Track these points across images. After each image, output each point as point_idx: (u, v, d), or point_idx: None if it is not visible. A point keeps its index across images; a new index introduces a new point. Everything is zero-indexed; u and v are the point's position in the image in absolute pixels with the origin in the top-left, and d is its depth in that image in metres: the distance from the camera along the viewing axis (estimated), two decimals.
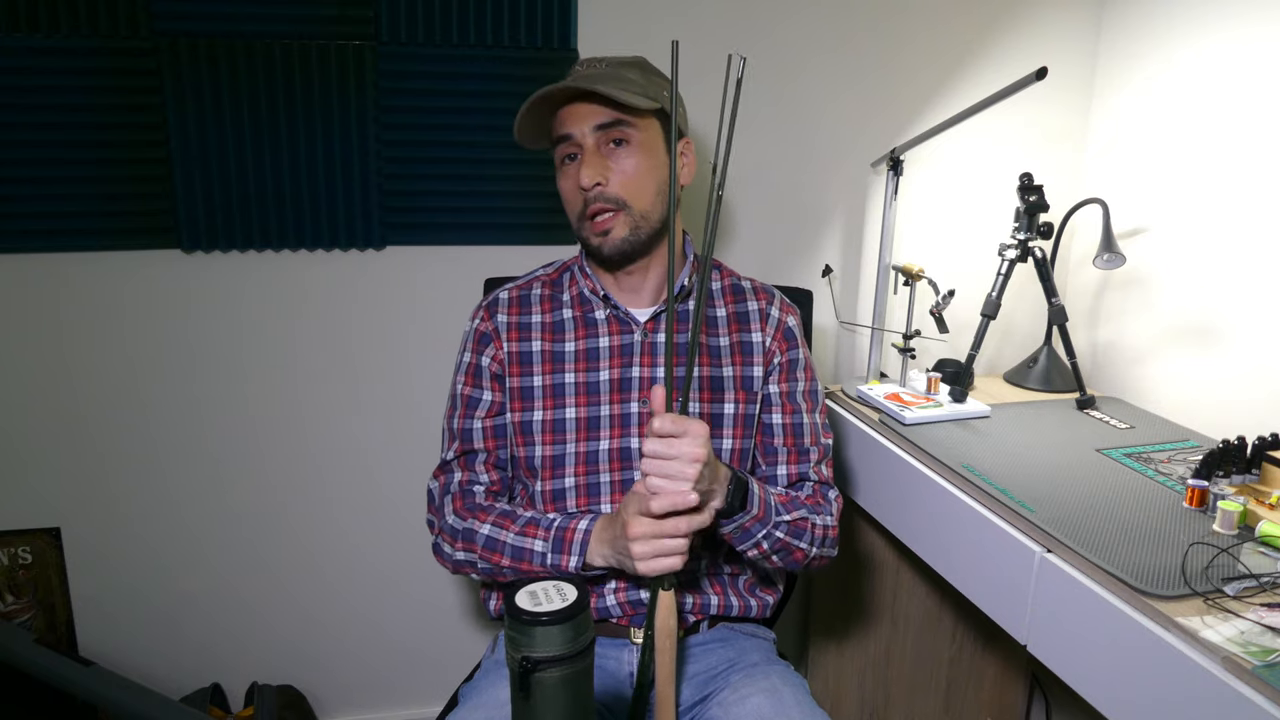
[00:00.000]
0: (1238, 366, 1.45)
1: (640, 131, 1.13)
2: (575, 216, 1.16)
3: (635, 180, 1.12)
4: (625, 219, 1.13)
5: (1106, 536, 1.05)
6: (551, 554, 1.09)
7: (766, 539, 1.10)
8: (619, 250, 1.14)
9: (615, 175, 1.12)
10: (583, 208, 1.13)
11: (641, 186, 1.13)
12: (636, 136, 1.13)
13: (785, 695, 1.09)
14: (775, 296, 1.26)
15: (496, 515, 1.14)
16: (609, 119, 1.11)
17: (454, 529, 1.16)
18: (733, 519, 1.07)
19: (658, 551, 0.98)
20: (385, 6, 1.45)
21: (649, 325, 1.20)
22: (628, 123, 1.12)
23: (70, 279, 1.48)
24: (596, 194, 1.11)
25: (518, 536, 1.11)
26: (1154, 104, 1.60)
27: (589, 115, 1.11)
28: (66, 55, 1.37)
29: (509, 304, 1.22)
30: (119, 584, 1.60)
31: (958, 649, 1.71)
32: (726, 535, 1.10)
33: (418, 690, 1.78)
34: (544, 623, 0.71)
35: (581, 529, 1.09)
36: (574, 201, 1.14)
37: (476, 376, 1.20)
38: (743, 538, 1.10)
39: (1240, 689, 0.81)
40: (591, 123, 1.11)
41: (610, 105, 1.10)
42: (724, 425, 1.19)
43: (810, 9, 1.60)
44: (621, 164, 1.12)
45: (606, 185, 1.11)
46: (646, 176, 1.13)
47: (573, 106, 1.12)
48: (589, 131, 1.12)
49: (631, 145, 1.13)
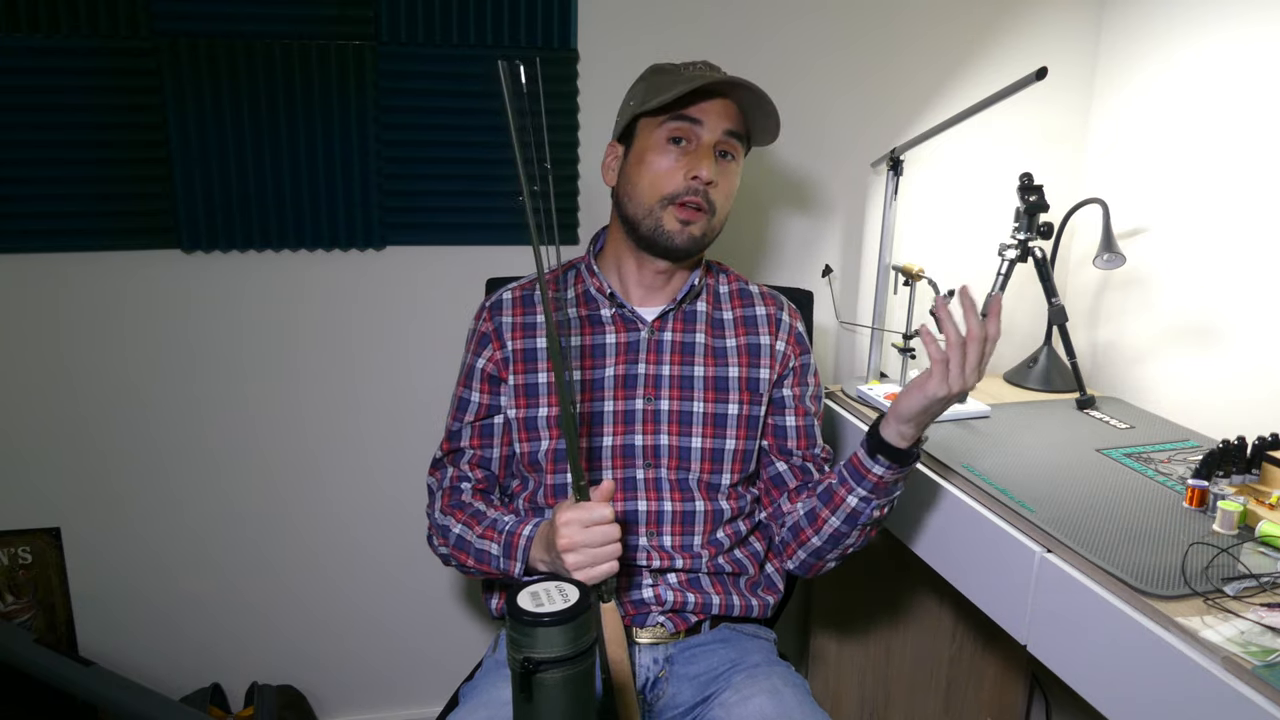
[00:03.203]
0: (1238, 366, 1.45)
1: (742, 155, 1.20)
2: (657, 196, 1.14)
3: (727, 195, 1.18)
4: (705, 222, 1.16)
5: (1106, 536, 1.05)
6: (503, 558, 1.10)
7: (893, 504, 1.15)
8: (687, 246, 1.16)
9: (719, 182, 1.15)
10: (678, 193, 1.13)
11: (727, 203, 1.19)
12: (739, 157, 1.20)
13: (787, 696, 1.09)
14: (783, 302, 1.28)
15: (469, 515, 1.16)
16: (738, 128, 1.16)
17: (439, 525, 1.19)
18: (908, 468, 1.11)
19: (592, 560, 0.97)
20: (385, 6, 1.45)
21: (656, 324, 1.20)
22: (743, 140, 1.18)
23: (70, 279, 1.48)
24: (703, 189, 1.13)
25: (479, 539, 1.13)
26: (1154, 104, 1.60)
27: (726, 115, 1.15)
28: (66, 55, 1.37)
29: (512, 304, 1.22)
30: (119, 584, 1.60)
31: (958, 649, 1.71)
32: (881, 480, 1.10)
33: (418, 690, 1.78)
34: (546, 624, 0.71)
35: (525, 535, 1.09)
36: (667, 183, 1.13)
37: (469, 378, 1.22)
38: (889, 490, 1.12)
39: (1240, 689, 0.81)
40: (725, 124, 1.15)
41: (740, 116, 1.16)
42: (728, 425, 1.19)
43: (811, 9, 1.60)
44: (725, 176, 1.17)
45: (715, 186, 1.14)
46: (732, 196, 1.20)
47: (716, 101, 1.14)
48: (718, 130, 1.14)
49: (735, 162, 1.18)
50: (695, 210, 1.13)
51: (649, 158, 1.14)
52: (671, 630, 1.16)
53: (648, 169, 1.14)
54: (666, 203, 1.13)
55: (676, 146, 1.14)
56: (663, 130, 1.14)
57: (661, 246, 1.15)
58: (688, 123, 1.13)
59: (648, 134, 1.15)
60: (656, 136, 1.14)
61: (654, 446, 1.17)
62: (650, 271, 1.20)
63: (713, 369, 1.20)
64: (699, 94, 1.13)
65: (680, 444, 1.17)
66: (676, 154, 1.14)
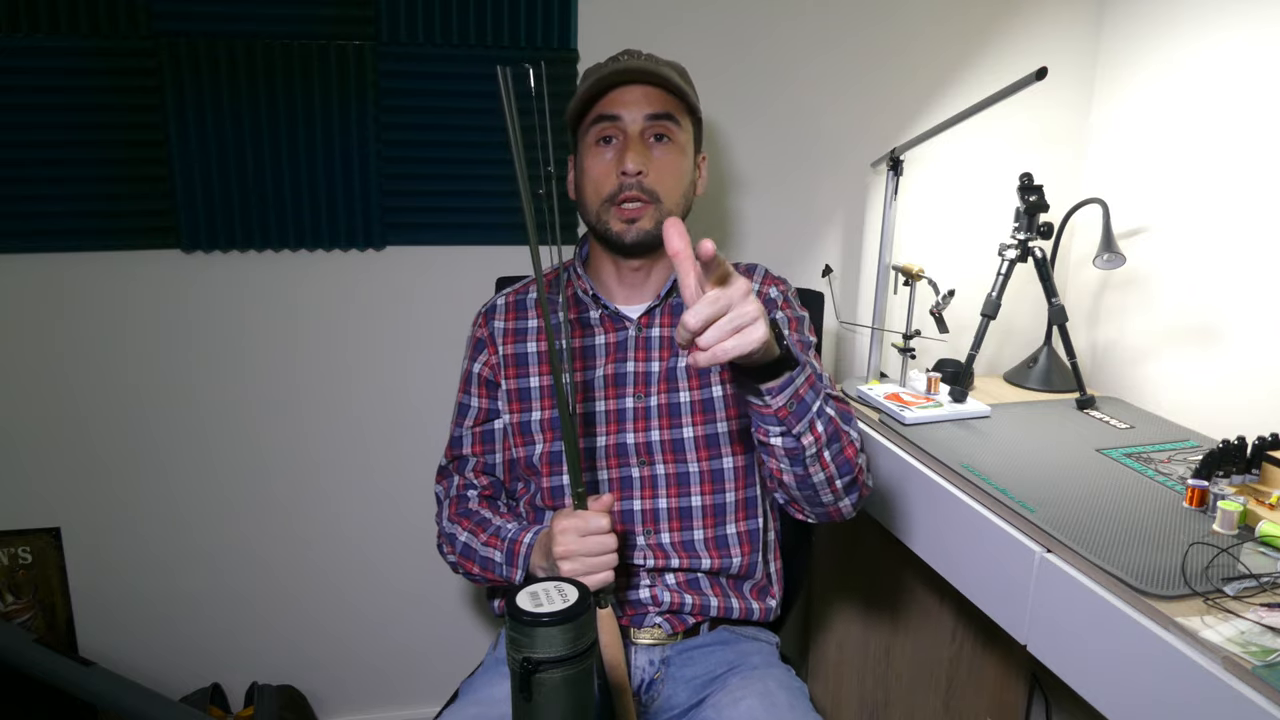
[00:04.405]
0: (1238, 366, 1.45)
1: (682, 131, 1.15)
2: (600, 200, 1.14)
3: (671, 177, 1.14)
4: (654, 213, 1.13)
5: (1106, 536, 1.05)
6: (506, 565, 1.11)
7: (820, 415, 0.97)
8: (640, 241, 1.14)
9: (654, 168, 1.12)
10: (614, 192, 1.12)
11: (674, 185, 1.14)
12: (678, 135, 1.15)
13: (780, 698, 1.08)
14: (756, 271, 1.26)
15: (474, 523, 1.17)
16: (661, 110, 1.12)
17: (447, 533, 1.19)
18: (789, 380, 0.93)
19: (587, 569, 0.98)
20: (385, 6, 1.45)
21: (643, 320, 1.20)
22: (674, 119, 1.14)
23: (70, 279, 1.48)
24: (635, 182, 1.11)
25: (484, 546, 1.13)
26: (1154, 104, 1.60)
27: (642, 102, 1.12)
28: (66, 55, 1.37)
29: (505, 310, 1.23)
30: (119, 584, 1.60)
31: (958, 649, 1.71)
32: (781, 410, 0.94)
33: (418, 690, 1.78)
34: (545, 624, 0.71)
35: (526, 543, 1.09)
36: (604, 183, 1.13)
37: (469, 384, 1.23)
38: (800, 410, 0.95)
39: (1240, 689, 0.81)
40: (644, 110, 1.12)
41: (665, 96, 1.12)
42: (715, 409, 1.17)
43: (810, 9, 1.60)
44: (661, 159, 1.13)
45: (646, 175, 1.12)
46: (680, 177, 1.15)
47: (626, 90, 1.12)
48: (639, 118, 1.12)
49: (673, 143, 1.14)
50: (637, 205, 1.12)
51: (586, 163, 1.15)
52: (669, 631, 1.16)
53: (588, 175, 1.15)
54: (608, 204, 1.13)
55: (608, 146, 1.13)
56: (591, 134, 1.14)
57: (616, 247, 1.15)
58: (608, 120, 1.13)
59: (582, 140, 1.16)
60: (588, 141, 1.15)
61: (646, 443, 1.17)
62: (627, 270, 1.20)
63: None
64: (614, 87, 1.12)
65: (673, 437, 1.17)
66: (609, 153, 1.13)
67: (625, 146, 1.12)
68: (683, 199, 1.17)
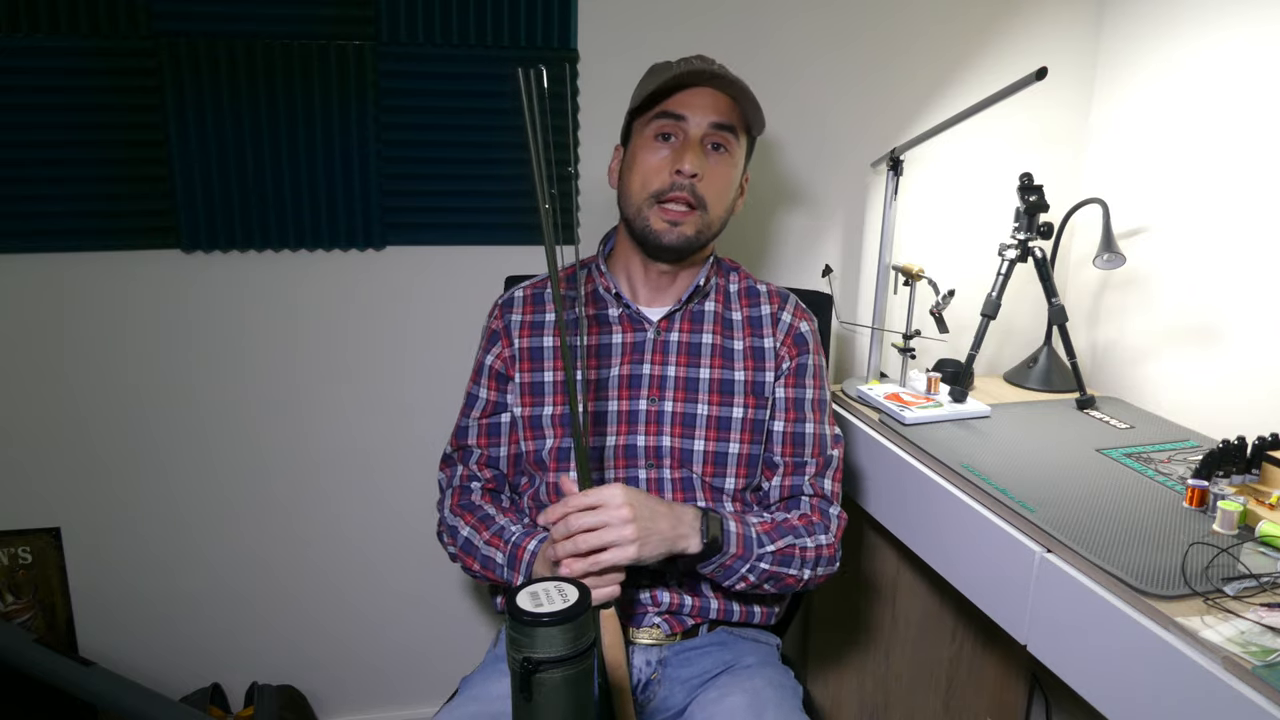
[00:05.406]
0: (1238, 366, 1.45)
1: (738, 147, 1.17)
2: (645, 194, 1.14)
3: (721, 189, 1.15)
4: (697, 220, 1.14)
5: (1106, 536, 1.05)
6: (507, 568, 1.11)
7: (751, 572, 1.09)
8: (678, 245, 1.14)
9: (708, 175, 1.13)
10: (662, 189, 1.12)
11: (722, 197, 1.16)
12: (735, 150, 1.16)
13: (766, 695, 1.08)
14: (789, 301, 1.26)
15: (477, 519, 1.17)
16: (726, 120, 1.13)
17: (449, 524, 1.19)
18: (710, 560, 1.06)
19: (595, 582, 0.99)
20: (385, 6, 1.45)
21: (663, 324, 1.20)
22: (735, 132, 1.15)
23: (70, 279, 1.47)
24: (689, 184, 1.12)
25: (485, 545, 1.13)
26: (1154, 104, 1.60)
27: (710, 108, 1.13)
28: (66, 55, 1.37)
29: (523, 302, 1.23)
30: (119, 584, 1.60)
31: (958, 649, 1.71)
32: (709, 574, 1.09)
33: (418, 690, 1.78)
34: (545, 623, 0.71)
35: (530, 550, 1.10)
36: (654, 178, 1.13)
37: (479, 374, 1.23)
38: (725, 575, 1.08)
39: (1240, 689, 0.81)
40: (710, 117, 1.12)
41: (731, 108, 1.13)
42: (731, 429, 1.18)
43: (811, 9, 1.60)
44: (715, 168, 1.14)
45: (700, 180, 1.12)
46: (728, 190, 1.17)
47: (696, 92, 1.12)
48: (704, 123, 1.12)
49: (729, 155, 1.15)
50: (684, 209, 1.12)
51: (639, 156, 1.15)
52: (667, 632, 1.16)
53: (638, 167, 1.15)
54: (654, 200, 1.13)
55: (665, 143, 1.14)
56: (651, 128, 1.14)
57: (652, 246, 1.15)
58: (671, 119, 1.13)
59: (639, 133, 1.16)
60: (646, 135, 1.15)
61: (656, 448, 1.17)
62: (655, 272, 1.20)
63: (719, 371, 1.19)
64: (684, 88, 1.12)
65: (683, 446, 1.17)
66: (665, 150, 1.13)
67: (685, 147, 1.12)
68: (725, 213, 1.18)
